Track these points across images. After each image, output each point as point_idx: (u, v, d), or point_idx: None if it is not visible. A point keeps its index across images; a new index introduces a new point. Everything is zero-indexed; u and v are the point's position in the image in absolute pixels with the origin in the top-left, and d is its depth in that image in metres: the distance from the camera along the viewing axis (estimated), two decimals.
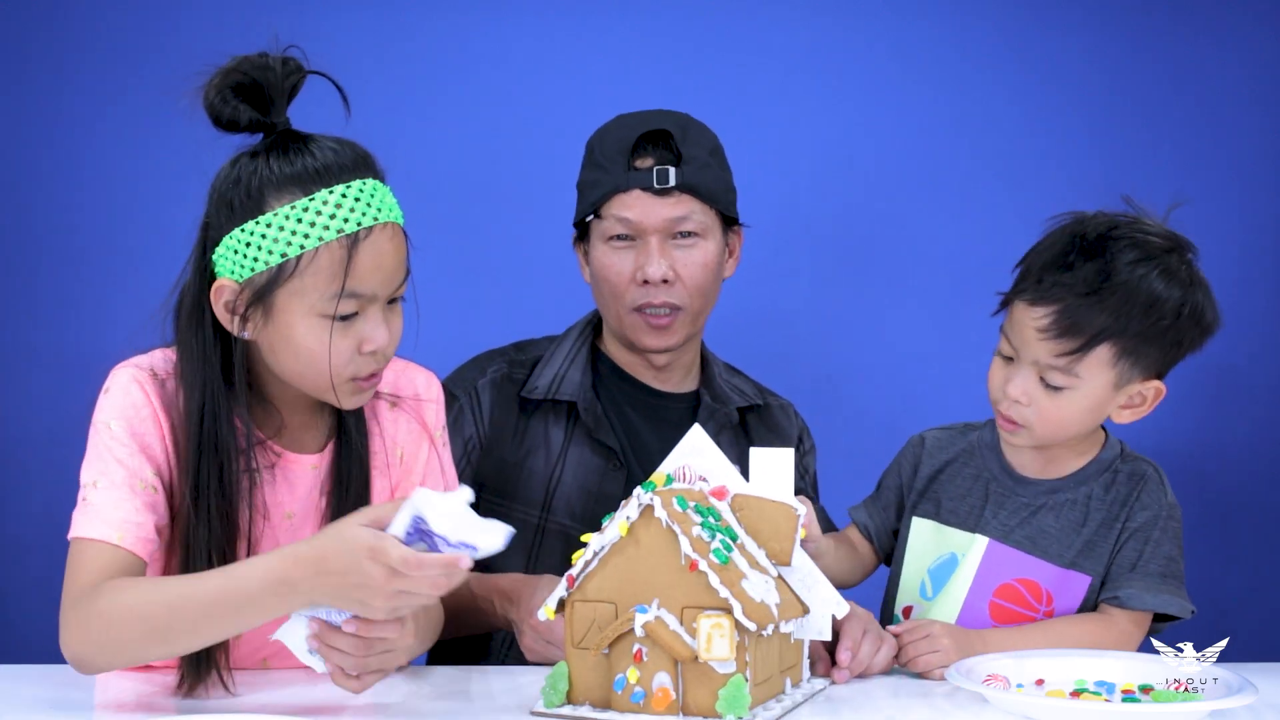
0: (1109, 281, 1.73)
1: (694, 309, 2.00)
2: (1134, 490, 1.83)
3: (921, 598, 1.87)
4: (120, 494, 1.50)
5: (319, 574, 1.35)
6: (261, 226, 1.49)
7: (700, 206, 1.97)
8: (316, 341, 1.50)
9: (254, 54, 1.56)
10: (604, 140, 2.00)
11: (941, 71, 2.72)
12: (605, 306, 2.04)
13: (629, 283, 1.97)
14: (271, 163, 1.51)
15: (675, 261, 1.96)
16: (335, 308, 1.49)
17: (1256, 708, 1.54)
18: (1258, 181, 2.70)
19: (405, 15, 2.73)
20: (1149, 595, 1.78)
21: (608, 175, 1.96)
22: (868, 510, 1.97)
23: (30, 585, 2.70)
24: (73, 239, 2.71)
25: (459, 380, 2.07)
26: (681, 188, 1.94)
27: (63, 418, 2.69)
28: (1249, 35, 2.70)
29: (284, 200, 1.49)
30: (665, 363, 2.06)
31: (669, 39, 2.74)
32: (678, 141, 1.95)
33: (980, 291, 2.69)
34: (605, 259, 1.99)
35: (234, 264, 1.52)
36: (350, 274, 1.49)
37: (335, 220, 1.49)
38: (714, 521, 1.47)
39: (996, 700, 1.53)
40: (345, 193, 1.50)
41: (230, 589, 1.39)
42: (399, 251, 1.54)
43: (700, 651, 1.39)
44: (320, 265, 1.49)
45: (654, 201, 1.94)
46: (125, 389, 1.58)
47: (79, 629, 1.45)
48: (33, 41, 2.70)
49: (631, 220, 1.95)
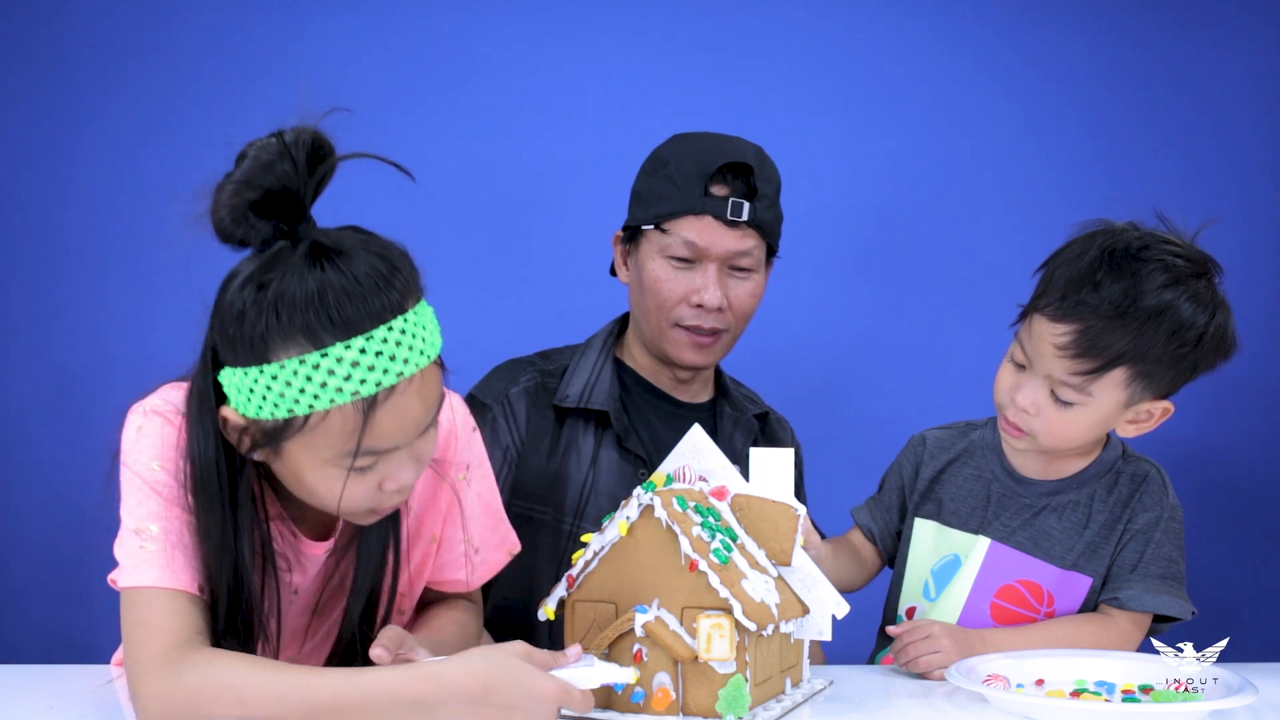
0: (1135, 305, 1.69)
1: (735, 332, 2.05)
2: (1136, 492, 1.83)
3: (924, 598, 1.87)
4: (182, 538, 1.39)
5: (472, 703, 1.29)
6: (266, 377, 1.31)
7: (760, 243, 2.01)
8: (328, 487, 1.37)
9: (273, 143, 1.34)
10: (682, 157, 1.99)
11: (941, 74, 2.73)
12: (645, 315, 2.05)
13: (680, 301, 2.00)
14: (281, 300, 1.30)
15: (729, 290, 2.00)
16: (350, 464, 1.35)
17: (1256, 708, 1.54)
18: (1258, 182, 2.70)
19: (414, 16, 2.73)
20: (1149, 596, 1.78)
21: (681, 194, 1.96)
22: (870, 512, 1.97)
23: (30, 585, 2.70)
24: (71, 239, 2.71)
25: (489, 390, 2.09)
26: (751, 223, 1.97)
27: (63, 418, 2.71)
28: (1249, 36, 2.70)
29: (292, 352, 1.30)
30: (689, 377, 2.10)
31: (673, 43, 2.74)
32: (755, 176, 1.97)
33: (980, 291, 2.71)
34: (660, 273, 2.00)
35: (239, 399, 1.35)
36: (366, 436, 1.33)
37: (350, 382, 1.30)
38: (714, 521, 1.47)
39: (996, 700, 1.53)
40: (365, 347, 1.30)
41: (352, 697, 1.30)
42: (429, 397, 1.37)
43: (700, 651, 1.39)
44: (332, 425, 1.33)
45: (723, 231, 1.96)
46: (160, 430, 1.44)
47: (161, 699, 1.32)
48: (32, 41, 2.70)
49: (698, 245, 1.97)
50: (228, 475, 1.41)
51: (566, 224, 2.66)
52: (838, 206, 2.74)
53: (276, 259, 1.32)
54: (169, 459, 1.42)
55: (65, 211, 2.71)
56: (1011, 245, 2.70)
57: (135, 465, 1.43)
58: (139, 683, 1.34)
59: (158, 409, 1.45)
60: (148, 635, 1.35)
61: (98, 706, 1.49)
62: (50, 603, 2.70)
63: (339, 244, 1.33)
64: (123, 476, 1.45)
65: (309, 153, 1.34)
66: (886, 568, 1.98)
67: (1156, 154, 2.70)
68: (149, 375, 2.79)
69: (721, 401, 2.15)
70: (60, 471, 2.70)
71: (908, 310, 2.73)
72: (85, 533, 2.70)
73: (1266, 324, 2.61)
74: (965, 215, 2.73)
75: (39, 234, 2.71)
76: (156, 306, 2.70)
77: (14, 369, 2.70)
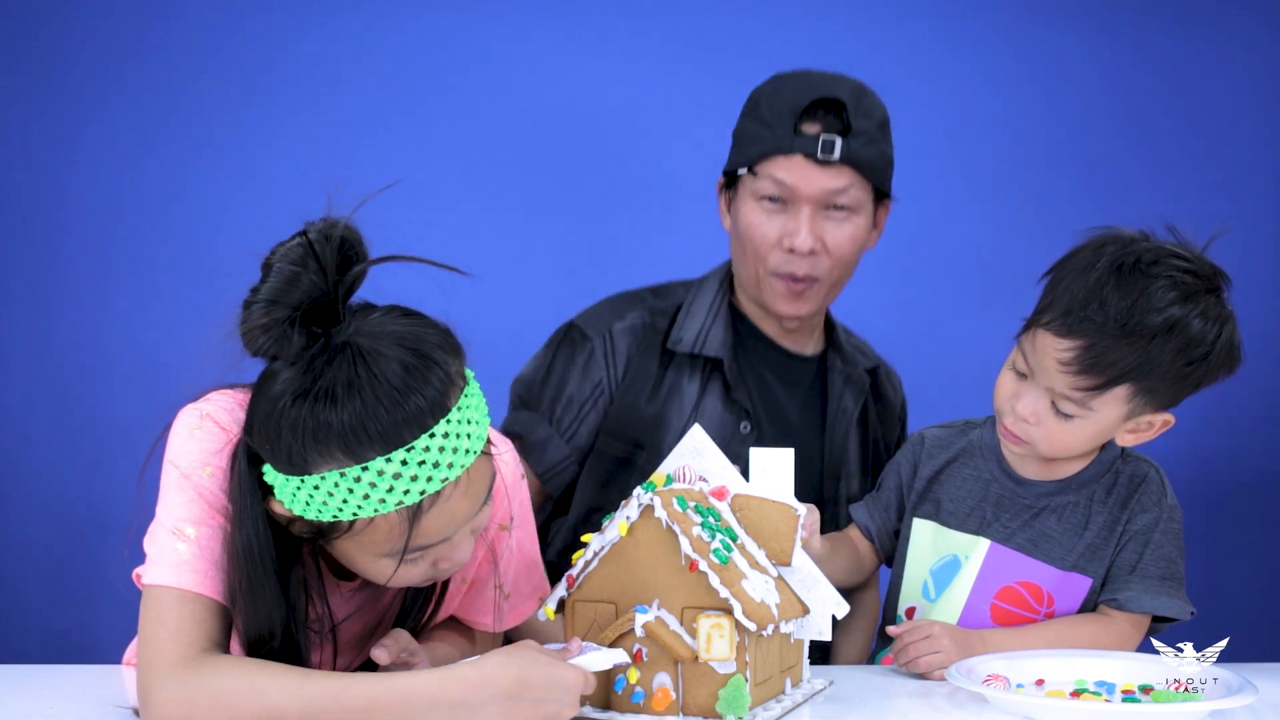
0: (1142, 323, 1.66)
1: (832, 280, 1.97)
2: (1134, 492, 1.82)
3: (924, 599, 1.87)
4: (218, 546, 1.37)
5: (511, 699, 1.28)
6: (309, 487, 1.30)
7: (859, 180, 1.91)
8: (381, 572, 1.37)
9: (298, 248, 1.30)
10: (775, 96, 1.92)
11: (940, 73, 2.73)
12: (743, 263, 1.99)
13: (773, 246, 1.93)
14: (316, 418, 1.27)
15: (824, 233, 1.92)
16: (400, 559, 1.34)
17: (1256, 708, 1.54)
18: (1259, 181, 2.70)
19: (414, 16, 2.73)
20: (1148, 598, 1.78)
21: (771, 133, 1.90)
22: (868, 510, 1.97)
23: (30, 585, 2.70)
24: (71, 239, 2.71)
25: (593, 321, 2.03)
26: (844, 160, 1.88)
27: (63, 419, 2.71)
28: (1249, 38, 2.70)
29: (331, 465, 1.28)
30: (796, 326, 2.03)
31: (669, 38, 2.74)
32: (850, 112, 1.89)
33: (983, 291, 2.71)
34: (753, 217, 1.93)
35: (284, 495, 1.33)
36: (414, 537, 1.32)
37: (393, 494, 1.29)
38: (714, 522, 1.47)
39: (996, 700, 1.53)
40: (406, 459, 1.28)
41: (389, 700, 1.28)
42: (477, 491, 1.36)
43: (700, 651, 1.39)
44: (378, 530, 1.32)
45: (814, 170, 1.89)
46: (214, 437, 1.39)
47: (180, 703, 1.29)
48: (32, 41, 2.70)
49: (787, 184, 1.89)
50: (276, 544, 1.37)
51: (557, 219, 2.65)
52: None
53: (310, 369, 1.29)
54: (220, 469, 1.38)
55: (65, 211, 2.71)
56: (1014, 244, 2.71)
57: (184, 465, 1.39)
58: (155, 684, 1.30)
59: (214, 416, 1.41)
60: (169, 637, 1.32)
61: (98, 706, 1.49)
62: (50, 603, 2.70)
63: (374, 345, 1.29)
64: (167, 474, 1.41)
65: (338, 255, 1.31)
66: (884, 567, 1.98)
67: (1156, 154, 2.71)
68: (149, 375, 2.81)
69: (832, 355, 2.07)
70: (60, 472, 2.70)
71: (909, 310, 2.73)
72: (85, 533, 2.71)
73: (1266, 325, 2.61)
74: (965, 215, 2.73)
75: (39, 234, 2.71)
76: (156, 306, 2.70)
77: (14, 369, 2.71)
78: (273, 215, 2.90)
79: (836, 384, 2.05)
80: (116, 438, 2.69)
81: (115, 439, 2.69)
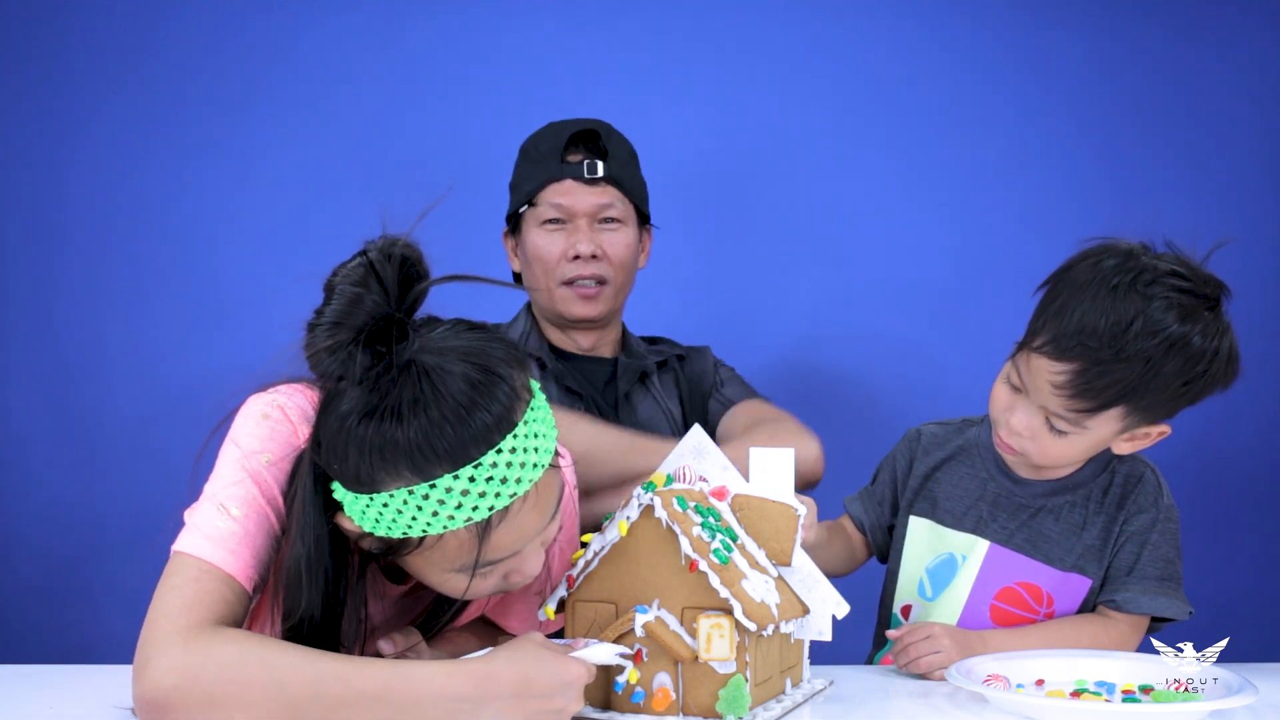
0: (1138, 349, 1.63)
1: (617, 283, 2.21)
2: (1131, 493, 1.82)
3: (920, 597, 1.87)
4: (258, 532, 1.36)
5: (516, 696, 1.28)
6: (377, 505, 1.30)
7: (621, 197, 2.19)
8: (453, 586, 1.37)
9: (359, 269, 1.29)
10: (538, 142, 2.21)
11: (939, 73, 2.73)
12: (536, 284, 2.22)
13: (560, 259, 2.18)
14: (383, 437, 1.27)
15: (601, 241, 2.18)
16: (472, 573, 1.35)
17: (1256, 708, 1.54)
18: (1258, 181, 2.70)
19: (414, 16, 2.73)
20: (1146, 599, 1.78)
21: (542, 169, 2.18)
22: (862, 504, 1.96)
23: (30, 585, 2.70)
24: (71, 239, 2.71)
25: None
26: (607, 179, 2.17)
27: (63, 419, 2.71)
28: (1248, 37, 2.70)
29: (399, 483, 1.28)
30: (591, 344, 2.24)
31: (669, 38, 2.74)
32: (604, 140, 2.19)
33: (978, 290, 2.71)
34: (539, 240, 2.18)
35: (353, 512, 1.33)
36: (484, 552, 1.33)
37: (461, 510, 1.29)
38: (714, 522, 1.47)
39: (996, 700, 1.53)
40: (474, 475, 1.28)
41: (396, 686, 1.27)
42: (546, 505, 1.36)
43: (700, 651, 1.39)
44: (448, 546, 1.33)
45: (584, 190, 2.17)
46: (281, 426, 1.40)
47: (184, 669, 1.26)
48: (32, 41, 2.70)
49: (564, 205, 2.17)
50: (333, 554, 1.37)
51: None
52: (836, 206, 2.74)
53: (376, 388, 1.28)
54: (280, 458, 1.38)
55: (65, 211, 2.71)
56: (1012, 244, 2.71)
57: (245, 447, 1.38)
58: (156, 648, 1.27)
59: (285, 408, 1.41)
60: (183, 604, 1.29)
61: (98, 707, 1.49)
62: (50, 603, 2.70)
63: (440, 362, 1.29)
64: (226, 451, 1.40)
65: (399, 273, 1.30)
66: (877, 563, 1.98)
67: (1157, 154, 2.70)
68: (149, 375, 2.81)
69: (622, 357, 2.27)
70: (60, 472, 2.70)
71: (907, 309, 2.73)
72: (85, 533, 2.71)
73: (1266, 326, 2.61)
74: (964, 214, 2.73)
75: (39, 234, 2.71)
76: (157, 306, 2.70)
77: (14, 369, 2.71)
78: (273, 215, 2.92)
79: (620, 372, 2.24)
80: (116, 438, 2.69)
81: (115, 439, 2.69)
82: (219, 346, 2.64)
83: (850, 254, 2.74)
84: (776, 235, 2.74)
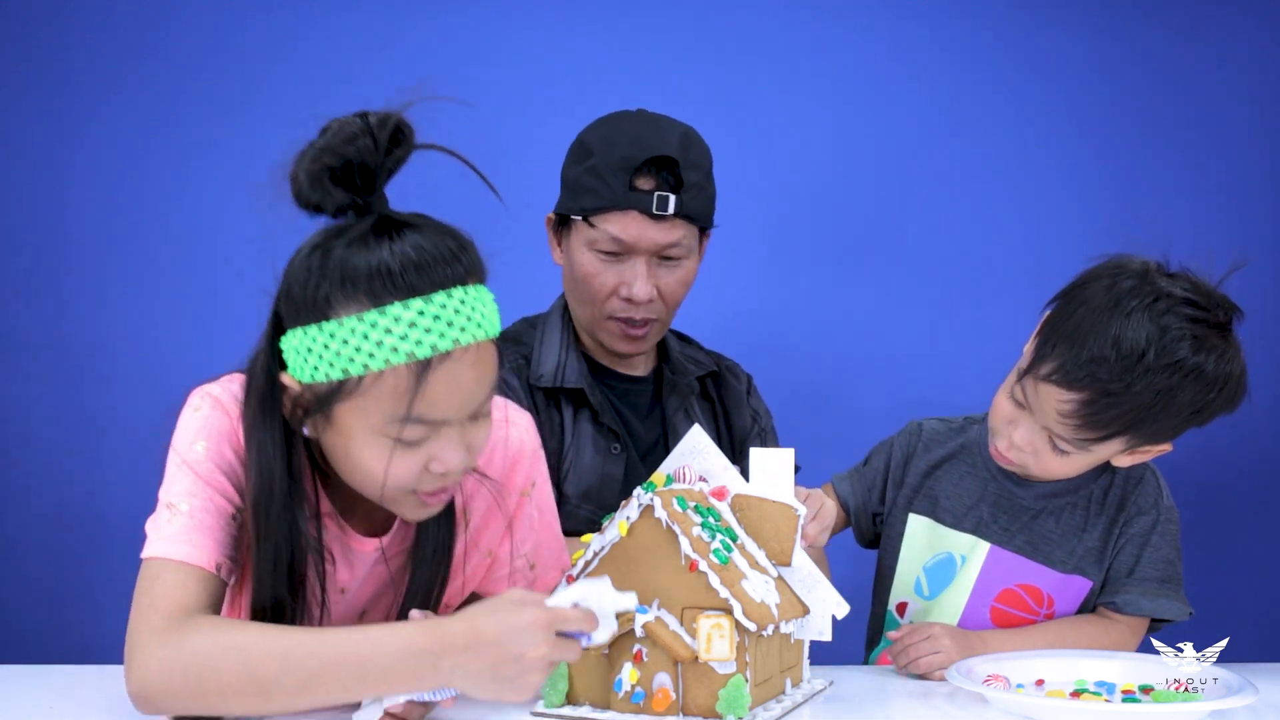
0: (1148, 384, 1.62)
1: (666, 320, 2.05)
2: (1132, 494, 1.82)
3: (917, 595, 1.87)
4: (209, 517, 1.40)
5: (469, 648, 1.27)
6: (325, 335, 1.33)
7: (691, 230, 1.98)
8: (375, 460, 1.37)
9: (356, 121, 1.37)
10: (608, 150, 1.96)
11: (939, 72, 2.73)
12: (579, 305, 2.05)
13: (610, 294, 1.99)
14: (347, 260, 1.33)
15: (659, 280, 1.98)
16: (399, 432, 1.34)
17: (1256, 708, 1.54)
18: (1258, 182, 2.70)
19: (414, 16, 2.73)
20: (1146, 601, 1.78)
21: (607, 189, 1.94)
22: (851, 484, 1.96)
23: (30, 585, 2.70)
24: (71, 238, 2.71)
25: None
26: (678, 214, 1.94)
27: (63, 418, 2.71)
28: (1248, 37, 2.70)
29: (351, 309, 1.32)
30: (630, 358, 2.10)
31: (669, 38, 2.74)
32: (681, 168, 1.94)
33: (978, 290, 2.71)
34: (590, 266, 1.98)
35: (297, 364, 1.37)
36: (417, 401, 1.33)
37: (406, 342, 1.31)
38: (714, 522, 1.47)
39: (996, 700, 1.53)
40: (423, 309, 1.32)
41: (359, 652, 1.29)
42: (484, 373, 1.37)
43: (700, 652, 1.39)
44: (385, 388, 1.33)
45: (649, 225, 1.94)
46: (211, 413, 1.45)
47: (161, 664, 1.31)
48: (32, 41, 2.70)
49: (624, 240, 1.95)
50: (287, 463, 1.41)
51: None
52: (836, 206, 2.74)
53: (346, 228, 1.35)
54: (215, 443, 1.43)
55: (65, 211, 2.71)
56: (1011, 244, 2.71)
57: (179, 445, 1.44)
58: (138, 650, 1.32)
59: (215, 394, 1.46)
60: (153, 604, 1.35)
61: (98, 706, 1.49)
62: (50, 603, 2.70)
63: (409, 220, 1.37)
64: (169, 458, 1.46)
65: (390, 134, 1.37)
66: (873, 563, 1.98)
67: (1157, 154, 2.70)
68: (149, 375, 2.81)
69: (666, 372, 2.13)
70: (61, 472, 2.70)
71: (906, 309, 2.73)
72: (85, 533, 2.70)
73: (1266, 325, 2.61)
74: (964, 214, 2.73)
75: (39, 234, 2.71)
76: (157, 306, 2.70)
77: (14, 369, 2.70)
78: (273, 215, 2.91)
79: (665, 394, 2.10)
80: (117, 437, 2.69)
81: (116, 439, 2.69)
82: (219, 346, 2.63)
83: (850, 253, 2.74)
84: (776, 234, 2.74)
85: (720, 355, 2.25)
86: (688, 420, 2.08)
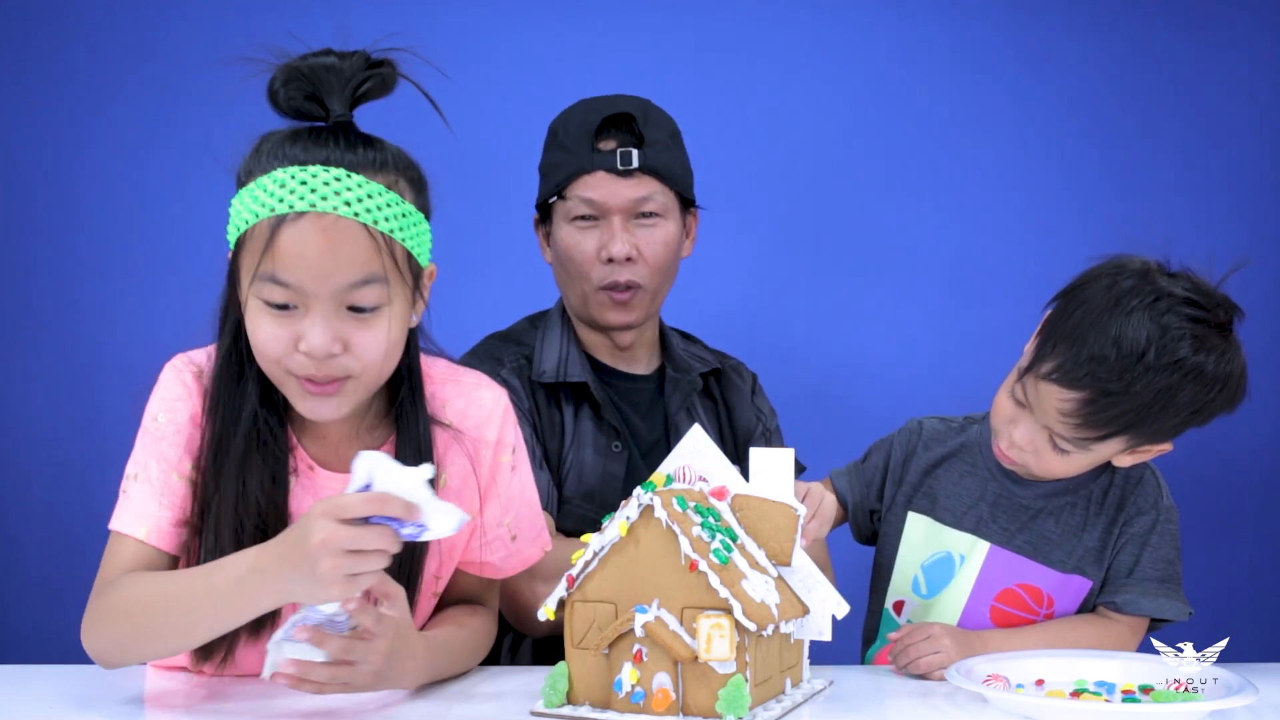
0: (1149, 384, 1.62)
1: (654, 286, 2.05)
2: (1131, 493, 1.82)
3: (915, 594, 1.87)
4: (155, 489, 1.50)
5: (282, 556, 1.31)
6: (240, 198, 1.46)
7: (661, 188, 2.02)
8: (255, 326, 1.44)
9: (348, 54, 1.54)
10: (567, 124, 2.03)
11: (940, 71, 2.73)
12: (569, 286, 2.07)
13: (593, 261, 2.02)
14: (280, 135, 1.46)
15: (638, 240, 2.01)
16: (261, 291, 1.41)
17: (1256, 708, 1.54)
18: (1258, 182, 2.70)
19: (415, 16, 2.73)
20: (1146, 601, 1.78)
21: (572, 157, 2.00)
22: (849, 480, 1.96)
23: (30, 585, 2.70)
24: (72, 238, 2.71)
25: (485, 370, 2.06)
26: (644, 169, 1.99)
27: (63, 418, 2.71)
28: (1248, 37, 2.70)
29: (258, 174, 1.44)
30: (629, 342, 2.10)
31: (669, 37, 2.74)
32: (639, 124, 2.00)
33: (977, 289, 2.71)
34: (570, 238, 2.02)
35: (230, 231, 1.49)
36: (267, 256, 1.40)
37: (272, 199, 1.41)
38: (714, 521, 1.47)
39: (996, 700, 1.53)
40: (300, 175, 1.41)
41: (215, 581, 1.37)
42: (340, 249, 1.40)
43: (700, 652, 1.39)
44: (252, 245, 1.42)
45: (617, 182, 1.99)
46: (170, 381, 1.55)
47: (93, 622, 1.46)
48: (32, 41, 2.70)
49: (595, 200, 1.99)
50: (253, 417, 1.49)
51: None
52: (837, 206, 2.74)
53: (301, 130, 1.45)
54: (170, 407, 1.53)
55: (65, 212, 2.71)
56: (1012, 243, 2.71)
57: (144, 414, 1.55)
58: (86, 616, 1.46)
59: (178, 361, 1.57)
60: (100, 574, 1.49)
61: (98, 706, 1.49)
62: (50, 603, 2.70)
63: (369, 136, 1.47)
64: None
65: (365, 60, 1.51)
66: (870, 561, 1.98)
67: (1157, 154, 2.70)
68: (149, 376, 2.79)
69: (669, 369, 2.14)
70: (60, 471, 2.70)
71: (907, 309, 2.73)
72: (84, 533, 2.70)
73: (1266, 325, 2.61)
74: (965, 214, 2.73)
75: (39, 234, 2.71)
76: (157, 306, 2.70)
77: (14, 369, 2.70)
78: None
79: (668, 392, 2.11)
80: (117, 438, 2.68)
81: (116, 439, 2.68)
82: None
83: (851, 253, 2.74)
84: (777, 234, 2.74)
85: (725, 354, 2.25)
86: (690, 419, 2.09)
